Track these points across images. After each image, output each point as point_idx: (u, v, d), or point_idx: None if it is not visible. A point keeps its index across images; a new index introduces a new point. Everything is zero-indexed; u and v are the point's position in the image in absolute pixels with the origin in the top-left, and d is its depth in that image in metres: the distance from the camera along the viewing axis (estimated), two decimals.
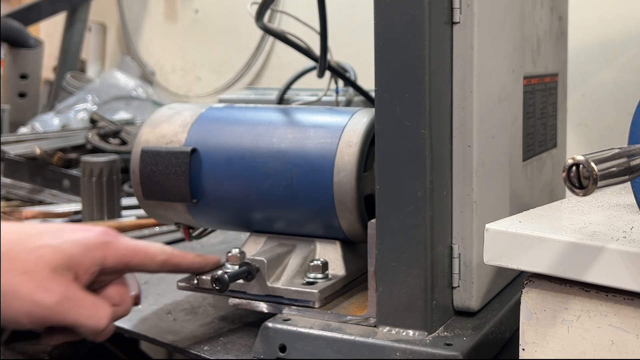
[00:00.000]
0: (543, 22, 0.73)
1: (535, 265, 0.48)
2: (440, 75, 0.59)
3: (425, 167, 0.57)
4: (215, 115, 0.74)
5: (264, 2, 0.78)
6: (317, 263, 0.68)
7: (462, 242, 0.61)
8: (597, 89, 1.14)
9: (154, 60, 1.88)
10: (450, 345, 0.57)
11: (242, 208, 0.71)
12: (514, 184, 0.65)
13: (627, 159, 0.42)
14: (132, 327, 0.74)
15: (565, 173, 0.40)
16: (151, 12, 1.89)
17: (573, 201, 0.59)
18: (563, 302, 0.48)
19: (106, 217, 1.20)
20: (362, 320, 0.62)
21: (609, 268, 0.45)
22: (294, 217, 0.70)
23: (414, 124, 0.57)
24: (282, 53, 1.59)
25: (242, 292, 0.67)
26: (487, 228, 0.51)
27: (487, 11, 0.60)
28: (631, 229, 0.48)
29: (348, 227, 0.68)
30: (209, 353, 0.65)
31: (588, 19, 1.12)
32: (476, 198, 0.61)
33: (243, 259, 0.68)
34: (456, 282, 0.62)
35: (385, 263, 0.59)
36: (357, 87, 0.94)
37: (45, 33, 2.06)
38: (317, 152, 0.67)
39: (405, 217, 0.58)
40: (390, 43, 0.57)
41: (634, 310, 0.45)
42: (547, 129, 0.75)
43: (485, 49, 0.60)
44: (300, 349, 0.61)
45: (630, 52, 1.10)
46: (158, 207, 0.75)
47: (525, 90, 0.67)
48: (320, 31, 0.79)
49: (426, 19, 0.56)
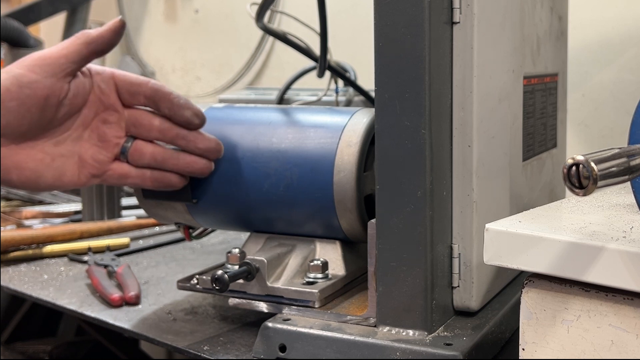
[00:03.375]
0: (543, 22, 0.73)
1: (535, 265, 0.48)
2: (440, 75, 0.59)
3: (425, 167, 0.57)
4: (215, 115, 0.74)
5: (263, 3, 0.78)
6: (317, 263, 0.68)
7: (462, 242, 0.61)
8: (597, 89, 1.14)
9: (154, 60, 1.88)
10: (450, 345, 0.57)
11: (242, 208, 0.71)
12: (514, 184, 0.65)
13: (627, 158, 0.42)
14: (132, 327, 0.74)
15: (565, 173, 0.40)
16: (151, 12, 1.89)
17: (573, 201, 0.59)
18: (563, 302, 0.48)
19: (106, 217, 1.20)
20: (362, 320, 0.62)
21: (609, 268, 0.45)
22: (294, 217, 0.70)
23: (414, 124, 0.57)
24: (282, 53, 1.59)
25: (242, 292, 0.67)
26: (487, 228, 0.51)
27: (487, 11, 0.60)
28: (631, 229, 0.48)
29: (348, 227, 0.68)
30: (209, 353, 0.65)
31: (588, 19, 1.12)
32: (476, 198, 0.61)
33: (243, 258, 0.68)
34: (456, 282, 0.62)
35: (385, 263, 0.59)
36: (357, 87, 0.94)
37: (45, 33, 2.06)
38: (317, 152, 0.67)
39: (405, 217, 0.58)
40: (390, 43, 0.57)
41: (634, 310, 0.45)
42: (547, 129, 0.75)
43: (485, 49, 0.60)
44: (300, 348, 0.61)
45: (630, 52, 1.10)
46: (158, 207, 0.75)
47: (525, 90, 0.67)
48: (320, 31, 0.80)
49: (426, 19, 0.56)
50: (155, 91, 0.68)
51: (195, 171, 0.69)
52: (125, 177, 0.69)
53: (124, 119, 0.69)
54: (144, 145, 0.68)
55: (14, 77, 0.62)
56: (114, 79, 0.68)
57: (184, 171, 0.69)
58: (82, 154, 0.67)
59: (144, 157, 0.68)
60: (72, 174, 0.67)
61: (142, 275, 0.92)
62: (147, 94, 0.68)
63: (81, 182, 0.68)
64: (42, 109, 0.63)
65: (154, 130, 0.68)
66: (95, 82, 0.68)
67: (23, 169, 0.65)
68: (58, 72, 0.64)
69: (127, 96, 0.68)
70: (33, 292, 0.87)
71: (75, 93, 0.66)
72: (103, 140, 0.68)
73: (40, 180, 0.65)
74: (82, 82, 0.66)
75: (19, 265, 1.00)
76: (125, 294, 0.81)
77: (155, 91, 0.68)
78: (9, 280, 0.92)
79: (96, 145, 0.68)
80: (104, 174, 0.68)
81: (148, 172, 0.69)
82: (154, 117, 0.69)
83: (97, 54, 0.66)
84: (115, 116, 0.69)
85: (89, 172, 0.68)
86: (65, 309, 0.82)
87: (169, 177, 0.69)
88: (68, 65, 0.64)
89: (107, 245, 1.03)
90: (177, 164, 0.68)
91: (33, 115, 0.63)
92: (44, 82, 0.63)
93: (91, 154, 0.68)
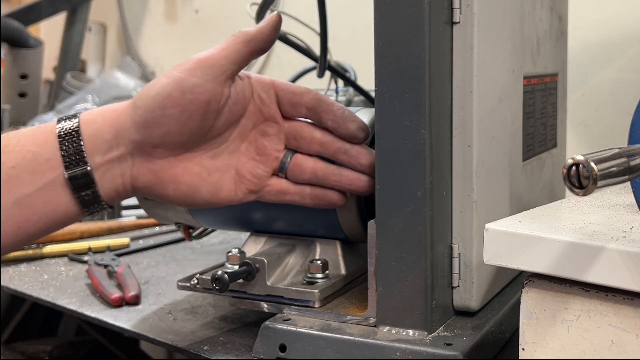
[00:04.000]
0: (543, 22, 0.73)
1: (535, 265, 0.48)
2: (440, 75, 0.59)
3: (425, 167, 0.57)
4: None
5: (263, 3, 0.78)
6: (317, 263, 0.68)
7: (462, 242, 0.61)
8: (597, 89, 1.14)
9: (154, 60, 1.88)
10: (450, 345, 0.57)
11: (242, 208, 0.71)
12: (514, 184, 0.65)
13: (627, 158, 0.42)
14: (132, 326, 0.74)
15: (565, 173, 0.40)
16: (151, 12, 1.89)
17: (573, 201, 0.59)
18: (563, 301, 0.48)
19: (106, 216, 1.20)
20: (362, 320, 0.62)
21: (609, 268, 0.45)
22: (294, 217, 0.70)
23: (414, 124, 0.57)
24: (282, 53, 1.59)
25: (242, 292, 0.67)
26: (487, 228, 0.51)
27: (487, 11, 0.60)
28: (631, 229, 0.48)
29: (348, 227, 0.68)
30: (209, 353, 0.65)
31: (588, 19, 1.12)
32: (476, 198, 0.61)
33: (243, 258, 0.68)
34: (456, 282, 0.62)
35: (385, 263, 0.59)
36: (357, 87, 0.94)
37: (45, 33, 2.06)
38: None
39: (405, 217, 0.58)
40: (390, 43, 0.57)
41: (634, 310, 0.45)
42: (547, 129, 0.75)
43: (485, 49, 0.60)
44: (300, 348, 0.61)
45: (630, 52, 1.10)
46: (158, 207, 0.75)
47: (525, 90, 0.67)
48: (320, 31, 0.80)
49: (426, 19, 0.56)
50: (318, 102, 0.63)
51: (358, 189, 0.64)
52: (283, 194, 0.64)
53: (283, 131, 0.64)
54: (304, 160, 0.64)
55: (175, 81, 0.58)
56: (275, 88, 0.64)
57: (347, 189, 0.64)
58: (240, 168, 0.63)
59: (305, 172, 0.64)
60: (229, 189, 0.63)
61: (142, 275, 0.92)
62: (310, 105, 0.63)
63: (237, 198, 0.64)
64: (203, 115, 0.59)
65: (315, 143, 0.64)
66: (255, 90, 0.64)
67: (180, 183, 0.61)
68: (219, 75, 0.60)
69: (288, 107, 0.64)
70: (33, 292, 0.87)
71: (236, 100, 0.62)
72: (262, 154, 0.64)
73: (197, 196, 0.62)
74: (242, 89, 0.62)
75: (19, 265, 1.00)
76: (125, 294, 0.81)
77: (318, 102, 0.63)
78: (9, 280, 0.92)
79: (254, 159, 0.64)
80: (261, 190, 0.64)
81: (308, 189, 0.64)
82: (315, 129, 0.64)
83: (257, 52, 0.62)
84: (275, 128, 0.64)
85: (246, 188, 0.64)
86: (66, 308, 0.82)
87: (330, 195, 0.64)
88: (229, 66, 0.60)
89: (107, 245, 1.03)
90: (340, 180, 0.63)
91: (194, 123, 0.59)
92: (205, 86, 0.59)
93: (249, 168, 0.64)
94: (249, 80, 0.64)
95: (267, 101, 0.64)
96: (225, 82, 0.60)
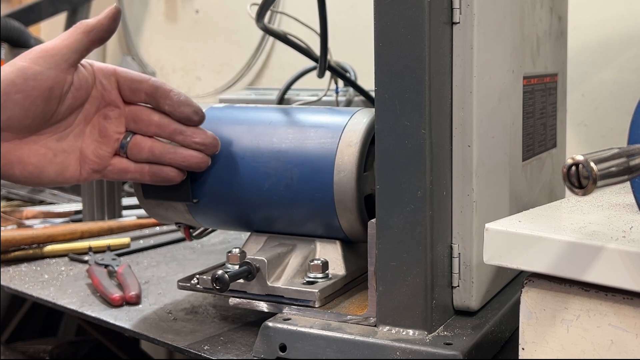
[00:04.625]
0: (543, 22, 0.73)
1: (534, 265, 0.48)
2: (440, 75, 0.59)
3: (425, 167, 0.57)
4: (215, 115, 0.74)
5: (264, 3, 0.78)
6: (318, 263, 0.68)
7: (462, 242, 0.61)
8: (597, 89, 1.14)
9: (155, 61, 1.88)
10: (450, 344, 0.57)
11: (243, 208, 0.71)
12: (514, 184, 0.65)
13: (627, 158, 0.42)
14: (133, 326, 0.74)
15: (565, 173, 0.40)
16: (151, 12, 1.89)
17: (572, 201, 0.59)
18: (562, 301, 0.48)
19: (107, 216, 1.20)
20: (362, 319, 0.62)
21: (609, 267, 0.45)
22: (295, 217, 0.70)
23: (414, 124, 0.57)
24: (282, 53, 1.59)
25: (243, 291, 0.68)
26: (486, 228, 0.51)
27: (486, 11, 0.60)
28: (630, 229, 0.48)
29: (348, 226, 0.68)
30: (209, 353, 0.65)
31: (588, 19, 1.12)
32: (476, 198, 0.61)
33: (243, 258, 0.68)
34: (456, 281, 0.62)
35: (385, 263, 0.59)
36: (357, 87, 0.94)
37: (45, 33, 2.06)
38: (318, 152, 0.68)
39: (405, 217, 0.58)
40: (390, 43, 0.57)
41: (634, 309, 0.45)
42: (546, 129, 0.75)
43: (485, 49, 0.60)
44: (301, 348, 0.61)
45: (630, 52, 1.10)
46: (158, 207, 0.75)
47: (524, 90, 0.67)
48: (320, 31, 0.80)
49: (426, 19, 0.56)
50: (156, 88, 0.69)
51: (192, 165, 0.69)
52: (124, 172, 0.70)
53: (124, 114, 0.70)
54: (142, 140, 0.69)
55: (18, 69, 0.63)
56: (116, 75, 0.69)
57: (181, 165, 0.69)
58: (84, 149, 0.69)
59: (143, 151, 0.69)
60: (74, 169, 0.68)
61: (143, 275, 0.92)
62: (148, 91, 0.69)
63: (82, 177, 0.69)
64: (46, 101, 0.64)
65: (153, 125, 0.69)
66: (97, 77, 0.69)
67: (26, 164, 0.65)
68: (61, 63, 0.65)
69: (128, 92, 0.69)
70: (34, 292, 0.87)
71: (78, 86, 0.67)
72: (104, 136, 0.69)
73: (43, 176, 0.66)
74: (85, 76, 0.67)
75: (19, 265, 1.00)
76: (125, 294, 0.81)
77: (156, 88, 0.69)
78: (9, 280, 0.92)
79: (97, 141, 0.69)
80: (104, 169, 0.69)
81: (147, 167, 0.69)
82: (153, 112, 0.70)
83: (97, 42, 0.67)
84: (116, 112, 0.70)
85: (90, 168, 0.69)
86: (66, 308, 0.82)
87: (166, 172, 0.69)
88: (70, 55, 0.65)
89: (107, 245, 1.03)
90: (175, 157, 0.69)
91: (37, 108, 0.64)
92: (47, 74, 0.64)
93: (92, 149, 0.69)
94: (92, 68, 0.69)
95: (108, 87, 0.69)
96: (67, 70, 0.65)
